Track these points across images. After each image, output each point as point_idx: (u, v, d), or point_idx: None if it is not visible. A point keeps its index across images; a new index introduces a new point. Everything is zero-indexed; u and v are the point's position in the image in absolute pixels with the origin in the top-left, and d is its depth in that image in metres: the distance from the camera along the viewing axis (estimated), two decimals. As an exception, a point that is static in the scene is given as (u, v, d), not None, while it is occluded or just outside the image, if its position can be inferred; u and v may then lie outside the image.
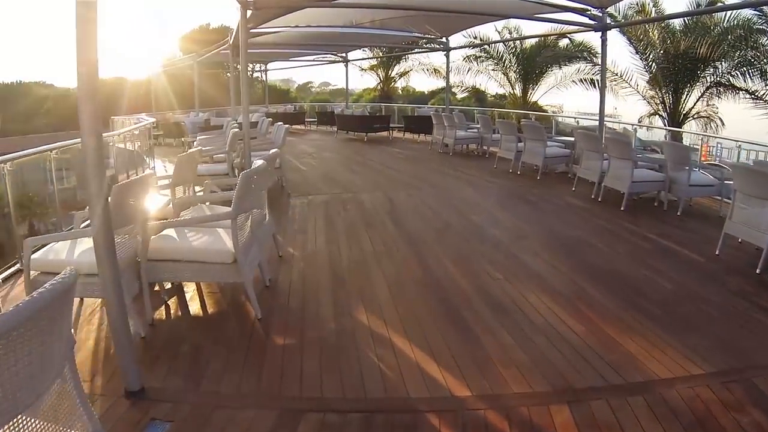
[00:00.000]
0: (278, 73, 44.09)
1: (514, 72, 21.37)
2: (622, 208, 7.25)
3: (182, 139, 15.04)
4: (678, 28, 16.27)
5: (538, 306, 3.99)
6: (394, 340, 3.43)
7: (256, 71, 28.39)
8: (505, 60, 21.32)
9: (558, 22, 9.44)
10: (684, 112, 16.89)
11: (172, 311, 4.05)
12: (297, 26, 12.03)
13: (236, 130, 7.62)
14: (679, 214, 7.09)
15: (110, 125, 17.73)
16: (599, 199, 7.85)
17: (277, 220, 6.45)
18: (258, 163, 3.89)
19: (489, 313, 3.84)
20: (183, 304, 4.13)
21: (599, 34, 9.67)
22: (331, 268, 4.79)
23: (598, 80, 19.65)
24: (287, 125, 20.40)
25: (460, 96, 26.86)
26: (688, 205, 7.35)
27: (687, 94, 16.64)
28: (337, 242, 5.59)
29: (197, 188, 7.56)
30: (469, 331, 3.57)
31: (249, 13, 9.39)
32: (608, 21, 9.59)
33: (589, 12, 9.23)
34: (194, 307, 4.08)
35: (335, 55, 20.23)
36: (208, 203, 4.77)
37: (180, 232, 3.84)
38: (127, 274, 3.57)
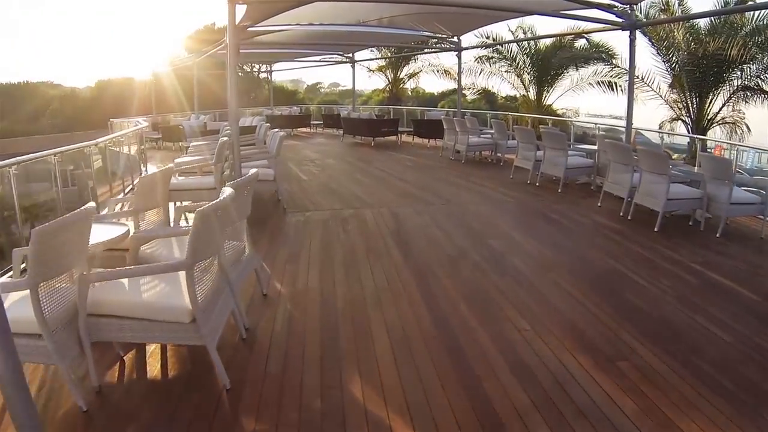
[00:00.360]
0: (288, 73, 43.38)
1: (528, 74, 20.51)
2: (656, 229, 6.46)
3: (180, 143, 14.35)
4: (703, 27, 15.37)
5: (577, 372, 3.19)
6: (396, 428, 2.65)
7: (262, 72, 27.74)
8: (518, 61, 20.47)
9: (583, 20, 8.59)
10: (709, 117, 15.95)
11: (126, 372, 3.29)
12: (298, 24, 11.29)
13: (225, 139, 6.87)
14: (718, 236, 6.34)
15: (109, 128, 17.20)
16: (629, 218, 7.06)
17: (268, 244, 5.73)
18: (226, 192, 3.12)
19: (517, 385, 3.04)
20: (141, 361, 3.37)
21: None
22: (322, 313, 4.01)
23: (616, 83, 18.87)
24: (292, 128, 19.80)
25: (470, 98, 26.01)
26: (725, 223, 6.53)
27: (713, 99, 15.71)
28: (333, 275, 4.80)
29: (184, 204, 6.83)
30: (493, 417, 2.77)
31: (244, 11, 8.73)
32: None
33: (616, 9, 8.38)
34: (153, 368, 3.31)
35: (341, 55, 19.45)
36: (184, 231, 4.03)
37: (130, 278, 3.09)
38: (62, 332, 2.85)
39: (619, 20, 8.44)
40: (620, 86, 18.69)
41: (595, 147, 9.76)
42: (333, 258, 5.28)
